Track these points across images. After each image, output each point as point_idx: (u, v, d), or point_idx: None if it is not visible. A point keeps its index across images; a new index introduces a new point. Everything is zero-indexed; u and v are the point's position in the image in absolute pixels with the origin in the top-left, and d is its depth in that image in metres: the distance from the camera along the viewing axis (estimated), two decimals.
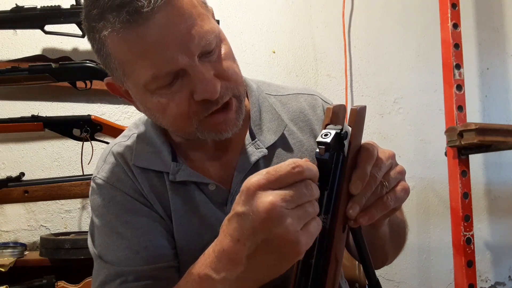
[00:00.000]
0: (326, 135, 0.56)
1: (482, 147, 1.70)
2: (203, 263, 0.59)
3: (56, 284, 1.35)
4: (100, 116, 1.57)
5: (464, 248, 1.70)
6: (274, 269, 0.54)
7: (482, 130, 1.63)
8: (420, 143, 2.16)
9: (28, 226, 1.63)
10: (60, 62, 1.45)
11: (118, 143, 0.84)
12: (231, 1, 1.95)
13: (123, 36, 0.64)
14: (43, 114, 1.51)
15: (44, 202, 1.63)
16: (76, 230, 1.66)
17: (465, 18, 1.95)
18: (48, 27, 1.51)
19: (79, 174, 1.51)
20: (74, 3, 1.51)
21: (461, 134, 1.67)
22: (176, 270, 0.76)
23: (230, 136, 0.74)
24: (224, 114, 0.72)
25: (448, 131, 1.74)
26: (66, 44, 1.71)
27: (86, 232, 0.84)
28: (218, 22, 0.87)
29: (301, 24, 2.05)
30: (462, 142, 1.66)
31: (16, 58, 1.64)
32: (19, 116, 1.48)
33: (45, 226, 1.64)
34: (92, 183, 0.82)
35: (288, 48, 2.02)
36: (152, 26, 0.64)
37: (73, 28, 1.51)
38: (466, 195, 1.72)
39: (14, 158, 1.65)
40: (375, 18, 2.15)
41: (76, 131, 1.51)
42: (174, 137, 0.82)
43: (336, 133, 0.56)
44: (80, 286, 1.36)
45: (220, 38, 0.71)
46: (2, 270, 1.34)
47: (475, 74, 2.28)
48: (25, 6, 1.48)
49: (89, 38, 0.71)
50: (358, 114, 0.61)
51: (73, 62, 1.49)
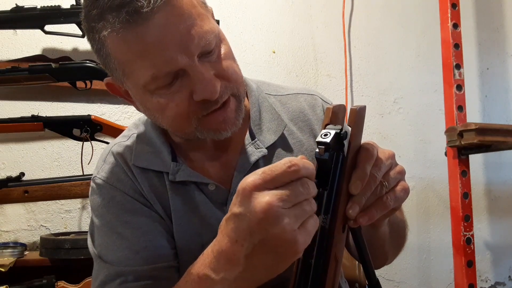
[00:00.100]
0: (325, 135, 0.56)
1: (482, 147, 1.70)
2: (202, 263, 0.59)
3: (56, 284, 1.35)
4: (100, 116, 1.57)
5: (464, 248, 1.70)
6: (273, 269, 0.54)
7: (482, 130, 1.63)
8: (420, 143, 2.16)
9: (28, 226, 1.63)
10: (60, 62, 1.45)
11: (118, 143, 0.84)
12: (231, 1, 1.95)
13: (123, 36, 0.64)
14: (43, 114, 1.51)
15: (44, 202, 1.63)
16: (76, 230, 1.66)
17: (465, 18, 1.95)
18: (48, 27, 1.51)
19: (79, 174, 1.51)
20: (74, 3, 1.51)
21: (461, 134, 1.67)
22: (176, 270, 0.76)
23: (230, 135, 0.74)
24: (223, 113, 0.71)
25: (448, 131, 1.74)
26: (66, 44, 1.71)
27: (86, 232, 0.84)
28: (218, 22, 0.87)
29: (301, 24, 2.05)
30: (462, 142, 1.66)
31: (16, 58, 1.64)
32: (19, 116, 1.48)
33: (45, 226, 1.64)
34: (92, 183, 0.83)
35: (288, 48, 2.02)
36: (151, 26, 0.63)
37: (73, 28, 1.51)
38: (466, 195, 1.72)
39: (14, 158, 1.65)
40: (375, 18, 2.15)
41: (76, 131, 1.51)
42: (173, 137, 0.82)
43: (335, 133, 0.56)
44: (80, 286, 1.36)
45: (219, 38, 0.71)
46: (2, 270, 1.34)
47: (475, 74, 2.28)
48: (25, 6, 1.48)
49: (88, 38, 0.71)
50: (358, 114, 0.61)
51: (73, 62, 1.49)
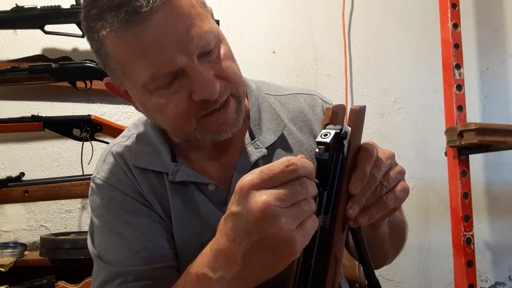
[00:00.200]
0: (325, 135, 0.56)
1: (482, 147, 1.70)
2: (201, 262, 0.59)
3: (56, 284, 1.35)
4: (100, 116, 1.57)
5: (464, 248, 1.70)
6: (270, 268, 0.54)
7: (482, 130, 1.63)
8: (420, 143, 2.16)
9: (28, 226, 1.63)
10: (60, 62, 1.45)
11: (117, 144, 0.84)
12: (231, 1, 1.95)
13: (122, 36, 0.64)
14: (43, 114, 1.51)
15: (44, 202, 1.63)
16: (76, 230, 1.66)
17: (465, 18, 1.94)
18: (48, 27, 1.51)
19: (79, 174, 1.51)
20: (74, 3, 1.51)
21: (461, 134, 1.67)
22: (175, 270, 0.76)
23: (230, 136, 0.74)
24: (223, 114, 0.71)
25: (448, 131, 1.74)
26: (66, 44, 1.71)
27: (86, 232, 0.84)
28: (218, 22, 0.87)
29: (301, 24, 2.05)
30: (462, 142, 1.66)
31: (16, 58, 1.64)
32: (19, 116, 1.48)
33: (45, 226, 1.64)
34: (91, 183, 0.83)
35: (288, 48, 2.02)
36: (150, 26, 0.63)
37: (73, 28, 1.51)
38: (466, 195, 1.72)
39: (14, 158, 1.65)
40: (375, 18, 2.15)
41: (76, 131, 1.51)
42: (173, 137, 0.82)
43: (335, 133, 0.56)
44: (80, 286, 1.36)
45: (219, 38, 0.71)
46: (2, 270, 1.34)
47: (475, 74, 2.28)
48: (25, 6, 1.48)
49: (88, 38, 0.71)
50: (358, 114, 0.60)
51: (73, 62, 1.49)
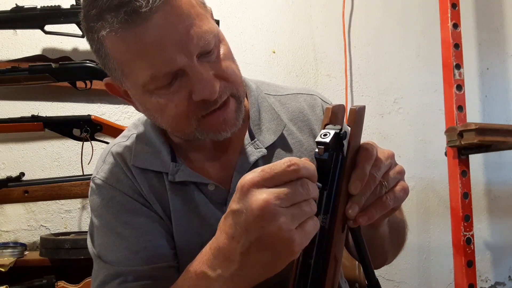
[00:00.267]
0: (325, 135, 0.56)
1: (482, 147, 1.70)
2: (200, 261, 0.59)
3: (56, 284, 1.35)
4: (100, 116, 1.57)
5: (464, 248, 1.70)
6: (269, 267, 0.53)
7: (482, 130, 1.63)
8: (420, 143, 2.16)
9: (28, 226, 1.63)
10: (60, 62, 1.45)
11: (117, 144, 0.84)
12: (231, 1, 1.95)
13: (122, 36, 0.64)
14: (43, 114, 1.51)
15: (44, 202, 1.63)
16: (76, 230, 1.66)
17: (465, 18, 1.94)
18: (48, 27, 1.51)
19: (79, 174, 1.51)
20: (74, 3, 1.51)
21: (461, 134, 1.67)
22: (175, 270, 0.76)
23: (229, 136, 0.74)
24: (223, 114, 0.71)
25: (448, 131, 1.74)
26: (66, 44, 1.71)
27: (86, 232, 0.84)
28: (218, 22, 0.87)
29: (301, 24, 2.05)
30: (462, 142, 1.66)
31: (16, 58, 1.64)
32: (19, 116, 1.48)
33: (45, 226, 1.64)
34: (91, 184, 0.83)
35: (288, 48, 2.02)
36: (150, 26, 0.63)
37: (73, 28, 1.51)
38: (466, 195, 1.72)
39: (14, 158, 1.65)
40: (375, 18, 2.15)
41: (76, 131, 1.51)
42: (173, 137, 0.82)
43: (335, 133, 0.56)
44: (80, 286, 1.36)
45: (219, 38, 0.71)
46: (2, 270, 1.34)
47: (475, 74, 2.28)
48: (25, 6, 1.48)
49: (87, 39, 0.71)
50: (357, 114, 0.60)
51: (73, 62, 1.49)
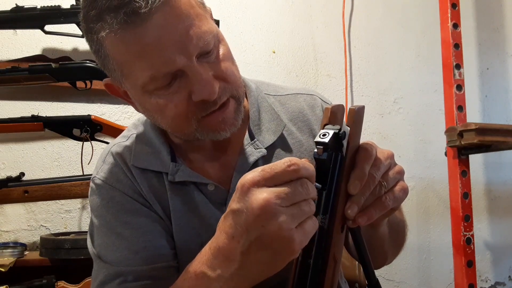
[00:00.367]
0: (324, 135, 0.56)
1: (482, 147, 1.70)
2: (200, 261, 0.59)
3: (56, 284, 1.35)
4: (100, 116, 1.57)
5: (464, 248, 1.70)
6: (269, 267, 0.54)
7: (482, 130, 1.63)
8: (420, 143, 2.16)
9: (28, 226, 1.63)
10: (60, 62, 1.45)
11: (117, 144, 0.84)
12: (231, 1, 1.95)
13: (121, 37, 0.64)
14: (43, 114, 1.51)
15: (44, 202, 1.63)
16: (76, 230, 1.66)
17: (465, 18, 1.94)
18: (48, 27, 1.51)
19: (79, 174, 1.51)
20: (74, 3, 1.51)
21: (461, 134, 1.67)
22: (175, 270, 0.76)
23: (229, 136, 0.74)
24: (222, 113, 0.71)
25: (448, 131, 1.74)
26: (66, 44, 1.71)
27: (86, 232, 0.84)
28: (218, 22, 0.87)
29: (301, 24, 2.05)
30: (462, 142, 1.66)
31: (16, 58, 1.64)
32: (19, 116, 1.48)
33: (45, 226, 1.65)
34: (91, 184, 0.83)
35: (288, 48, 2.02)
36: (149, 27, 0.63)
37: (73, 28, 1.51)
38: (466, 195, 1.72)
39: (14, 158, 1.65)
40: (375, 18, 2.15)
41: (76, 131, 1.51)
42: (173, 137, 0.82)
43: (334, 133, 0.56)
44: (80, 286, 1.36)
45: (218, 39, 0.71)
46: (2, 270, 1.34)
47: (475, 74, 2.28)
48: (25, 6, 1.48)
49: (87, 39, 0.71)
50: (357, 114, 0.60)
51: (73, 62, 1.49)
